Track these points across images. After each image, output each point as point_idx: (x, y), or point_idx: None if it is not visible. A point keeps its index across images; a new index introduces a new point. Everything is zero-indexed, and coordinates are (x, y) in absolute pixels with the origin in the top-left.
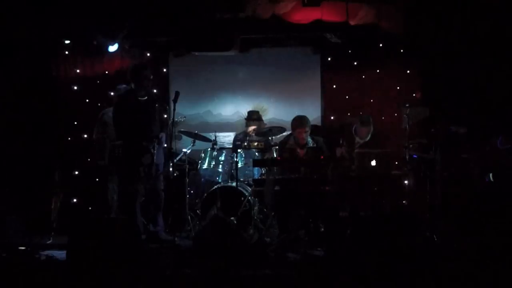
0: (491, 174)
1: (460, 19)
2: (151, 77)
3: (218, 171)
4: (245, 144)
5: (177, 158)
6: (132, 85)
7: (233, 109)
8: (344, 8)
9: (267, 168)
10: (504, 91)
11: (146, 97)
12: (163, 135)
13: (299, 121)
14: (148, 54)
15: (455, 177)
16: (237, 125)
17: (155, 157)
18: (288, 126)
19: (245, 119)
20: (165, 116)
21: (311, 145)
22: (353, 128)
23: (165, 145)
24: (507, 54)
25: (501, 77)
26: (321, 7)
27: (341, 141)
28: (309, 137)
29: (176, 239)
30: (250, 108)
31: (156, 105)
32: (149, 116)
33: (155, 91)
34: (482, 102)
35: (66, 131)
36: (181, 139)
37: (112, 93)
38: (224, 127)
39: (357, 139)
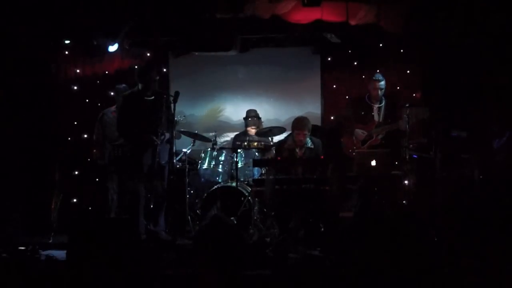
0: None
1: (460, 19)
2: (157, 77)
3: (218, 171)
4: (245, 144)
5: (177, 158)
6: (139, 86)
7: (233, 109)
8: (344, 8)
9: (267, 168)
10: (504, 91)
11: (153, 97)
12: (166, 135)
13: (299, 123)
14: (148, 54)
15: (455, 177)
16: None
17: (158, 156)
18: (288, 126)
19: (244, 118)
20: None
21: (309, 145)
22: (366, 96)
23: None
24: (508, 54)
25: (502, 77)
26: (321, 7)
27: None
28: (308, 138)
29: (176, 239)
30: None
31: (164, 105)
32: (155, 116)
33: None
34: (483, 102)
35: (66, 131)
36: (179, 138)
37: (112, 93)
38: (224, 127)
39: (374, 108)
